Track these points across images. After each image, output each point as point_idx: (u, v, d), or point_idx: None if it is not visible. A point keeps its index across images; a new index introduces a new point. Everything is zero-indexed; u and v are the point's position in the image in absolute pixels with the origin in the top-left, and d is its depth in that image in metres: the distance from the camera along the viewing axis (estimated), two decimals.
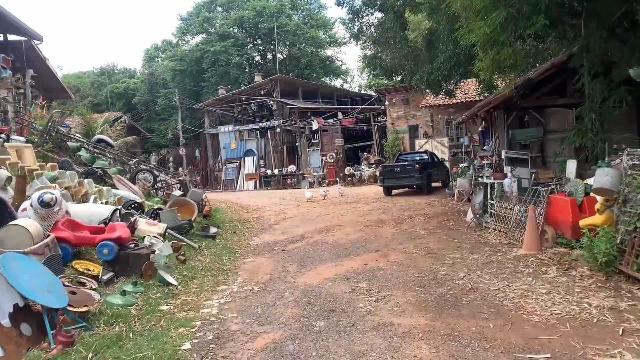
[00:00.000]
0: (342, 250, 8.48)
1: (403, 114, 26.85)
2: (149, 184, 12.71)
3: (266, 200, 20.51)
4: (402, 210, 13.44)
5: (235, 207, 17.87)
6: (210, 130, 33.88)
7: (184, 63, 40.49)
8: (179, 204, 11.47)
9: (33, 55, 22.85)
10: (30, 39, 21.80)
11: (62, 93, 26.82)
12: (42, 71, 24.01)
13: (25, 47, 21.81)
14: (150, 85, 44.62)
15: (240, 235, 10.97)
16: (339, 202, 17.03)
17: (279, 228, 11.96)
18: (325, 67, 44.81)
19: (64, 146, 12.84)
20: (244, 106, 32.27)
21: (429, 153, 19.45)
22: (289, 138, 31.09)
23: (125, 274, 6.47)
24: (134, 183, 12.49)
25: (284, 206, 17.23)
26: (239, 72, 38.47)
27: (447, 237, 9.02)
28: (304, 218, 13.47)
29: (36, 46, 22.46)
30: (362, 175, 25.96)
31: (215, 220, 12.38)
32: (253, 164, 30.42)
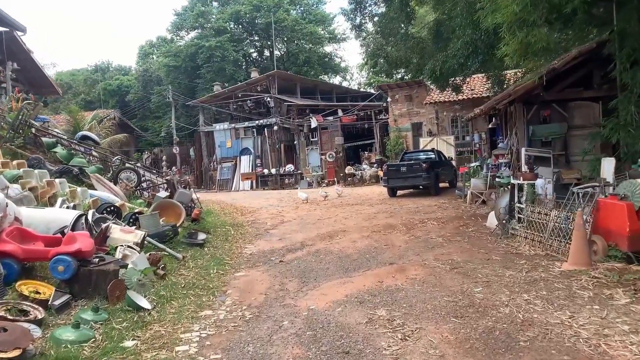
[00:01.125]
0: (350, 263, 7.26)
1: (406, 111, 25.66)
2: (133, 184, 11.47)
3: (262, 201, 19.28)
4: (412, 214, 12.24)
5: (229, 209, 16.64)
6: (204, 128, 32.62)
7: (179, 59, 39.19)
8: (164, 207, 10.24)
9: (16, 48, 21.57)
10: (13, 30, 20.51)
11: (49, 88, 25.52)
12: (27, 65, 22.74)
13: (6, 39, 20.53)
14: (144, 83, 43.30)
15: (233, 242, 9.75)
16: (340, 204, 15.81)
17: (276, 234, 10.74)
18: (324, 64, 43.58)
19: (39, 142, 11.59)
20: (240, 103, 31.05)
21: (436, 151, 18.26)
22: (287, 136, 29.87)
23: (86, 297, 5.25)
24: (115, 183, 11.26)
25: (282, 208, 16.01)
26: (235, 68, 37.19)
27: (471, 247, 7.81)
28: (304, 222, 12.26)
29: (19, 38, 21.18)
30: (363, 175, 24.76)
31: (206, 224, 11.15)
32: (249, 163, 29.19)
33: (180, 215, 10.18)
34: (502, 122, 15.88)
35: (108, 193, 10.32)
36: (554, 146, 12.07)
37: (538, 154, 11.59)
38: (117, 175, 11.52)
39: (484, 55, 10.39)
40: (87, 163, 11.33)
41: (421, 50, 16.65)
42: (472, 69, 11.10)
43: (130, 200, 11.02)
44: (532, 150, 11.68)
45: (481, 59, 10.46)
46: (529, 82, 11.12)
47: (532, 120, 12.20)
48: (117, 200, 9.95)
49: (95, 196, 9.69)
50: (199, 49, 36.20)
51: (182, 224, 10.19)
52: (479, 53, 10.39)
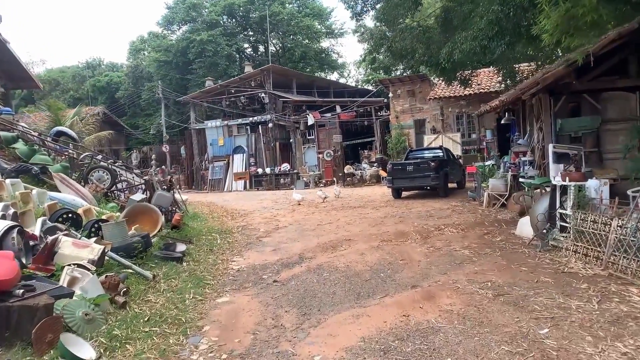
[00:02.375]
0: (362, 284, 5.82)
1: (408, 107, 24.24)
2: (105, 185, 9.98)
3: (256, 203, 17.81)
4: (424, 219, 10.80)
5: (218, 212, 15.17)
6: (196, 125, 31.08)
7: (169, 54, 37.64)
8: (139, 213, 8.77)
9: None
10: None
11: (29, 82, 23.89)
12: (4, 57, 21.12)
13: None
14: (134, 79, 41.69)
15: (218, 254, 8.27)
16: (341, 207, 14.37)
17: (270, 242, 9.27)
18: (320, 60, 42.10)
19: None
20: (233, 99, 29.50)
21: (444, 149, 16.84)
22: (282, 134, 28.40)
23: (2, 345, 3.78)
24: (86, 184, 9.77)
25: (277, 211, 14.55)
26: (228, 63, 35.66)
27: (508, 262, 6.38)
28: (302, 228, 10.81)
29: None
30: (363, 175, 23.33)
31: (188, 231, 9.67)
32: (242, 162, 27.69)
33: (157, 222, 8.71)
34: (520, 117, 14.48)
35: (74, 195, 8.82)
36: (585, 142, 10.69)
37: (568, 151, 10.21)
38: (87, 174, 10.01)
39: (512, 35, 8.95)
40: (51, 161, 9.82)
41: (427, 39, 15.30)
42: (497, 52, 9.66)
43: (101, 204, 9.53)
44: (561, 147, 10.29)
45: (508, 40, 9.03)
46: (559, 69, 9.70)
47: (560, 113, 10.80)
48: (81, 205, 8.46)
49: (55, 199, 8.21)
50: (190, 43, 34.67)
51: (160, 232, 8.72)
52: (505, 34, 8.95)
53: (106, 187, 10.10)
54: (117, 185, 10.64)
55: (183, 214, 12.05)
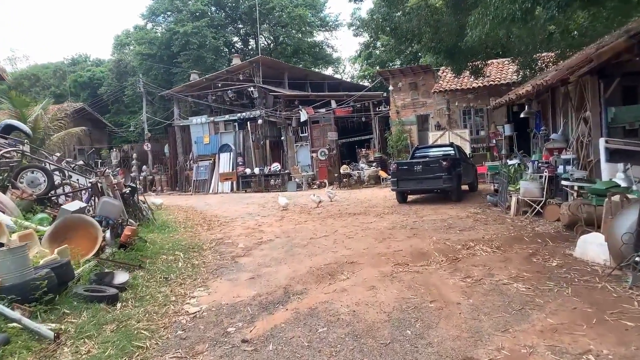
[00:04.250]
0: (379, 352, 3.67)
1: (410, 102, 22.13)
2: (40, 189, 7.78)
3: (241, 208, 15.64)
4: (443, 231, 8.68)
5: (195, 220, 13.00)
6: (180, 121, 28.79)
7: (154, 47, 35.27)
8: (72, 227, 6.59)
9: None
10: None
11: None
12: None
13: None
14: (118, 74, 39.25)
15: (175, 285, 6.08)
16: (338, 214, 12.22)
17: (248, 265, 7.09)
18: (314, 54, 39.94)
19: None
20: (220, 94, 27.26)
21: (455, 146, 14.73)
22: (273, 131, 26.19)
23: None
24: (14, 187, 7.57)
25: (263, 219, 12.38)
26: (214, 57, 33.33)
27: (592, 308, 4.26)
28: (291, 242, 8.64)
29: None
30: (361, 176, 21.19)
31: (143, 251, 7.48)
32: (229, 161, 25.43)
33: (95, 240, 6.52)
34: (550, 108, 12.39)
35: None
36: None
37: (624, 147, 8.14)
38: (16, 176, 7.79)
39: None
40: None
41: (436, 22, 13.35)
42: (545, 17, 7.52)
43: (28, 215, 7.33)
44: (616, 142, 8.22)
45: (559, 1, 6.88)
46: (619, 42, 7.61)
47: (611, 100, 8.72)
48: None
49: None
50: (173, 35, 32.33)
51: (100, 253, 6.53)
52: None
53: (43, 192, 7.88)
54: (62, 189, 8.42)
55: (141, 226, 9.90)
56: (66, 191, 8.50)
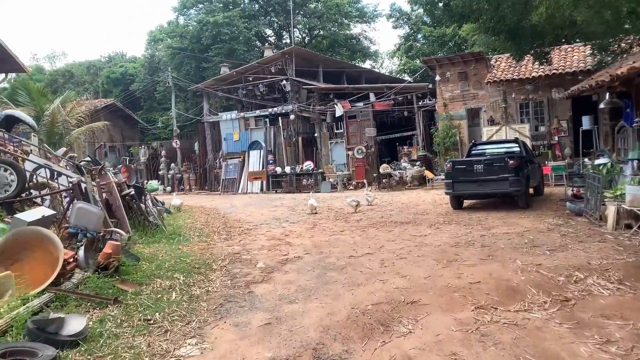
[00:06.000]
0: None
1: (460, 94, 19.79)
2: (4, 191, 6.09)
3: (268, 211, 13.80)
4: (526, 251, 6.52)
5: (214, 225, 11.21)
6: (209, 117, 27.29)
7: (185, 40, 33.96)
8: (27, 245, 4.81)
9: None
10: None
11: (12, 64, 20.43)
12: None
13: None
14: (150, 70, 38.25)
15: (157, 333, 4.20)
16: (382, 222, 10.18)
17: (265, 298, 5.15)
18: (351, 47, 37.84)
19: None
20: (251, 88, 25.57)
21: (521, 143, 12.44)
22: (306, 127, 24.31)
23: None
24: None
25: (291, 225, 10.48)
26: (246, 49, 31.71)
27: None
28: (324, 262, 6.67)
29: None
30: (403, 176, 19.01)
31: (129, 272, 5.66)
32: (259, 159, 23.67)
33: (55, 263, 4.71)
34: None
35: None
36: None
37: None
38: None
39: None
40: None
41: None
42: None
43: None
44: None
45: None
46: None
47: None
48: None
49: None
50: (203, 26, 30.86)
51: (59, 281, 4.73)
52: None
53: (6, 195, 6.17)
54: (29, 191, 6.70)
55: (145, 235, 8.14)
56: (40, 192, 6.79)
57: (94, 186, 6.85)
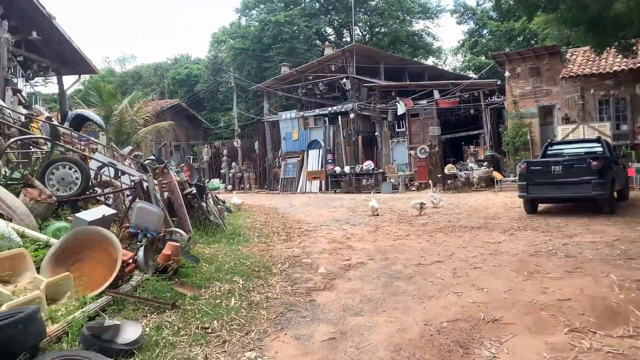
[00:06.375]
0: None
1: (531, 90, 18.62)
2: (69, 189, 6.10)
3: (327, 212, 13.49)
4: (620, 264, 5.78)
5: (273, 226, 11.00)
6: (269, 117, 27.42)
7: (246, 41, 34.43)
8: (87, 245, 4.71)
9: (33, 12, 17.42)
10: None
11: (84, 66, 21.40)
12: (53, 36, 18.58)
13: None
14: (213, 71, 39.13)
15: (215, 344, 3.93)
16: (449, 225, 9.58)
17: (328, 308, 4.77)
18: (413, 44, 36.89)
19: None
20: (310, 86, 25.41)
21: (604, 142, 11.39)
22: (366, 126, 23.85)
23: None
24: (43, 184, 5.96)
25: (352, 227, 10.09)
26: (307, 47, 31.64)
27: None
28: (389, 269, 6.22)
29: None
30: (469, 177, 18.12)
31: (189, 275, 5.49)
32: (318, 158, 23.46)
33: (114, 264, 4.58)
34: None
35: None
36: None
37: None
38: (44, 172, 6.16)
39: None
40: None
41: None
42: None
43: (46, 223, 5.62)
44: None
45: None
46: None
47: None
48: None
49: None
50: (265, 26, 31.06)
51: (118, 283, 4.59)
52: None
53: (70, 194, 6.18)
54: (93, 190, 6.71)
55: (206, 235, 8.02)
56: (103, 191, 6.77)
57: (155, 185, 6.77)
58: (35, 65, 19.33)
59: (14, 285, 3.95)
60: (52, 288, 4.01)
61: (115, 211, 5.74)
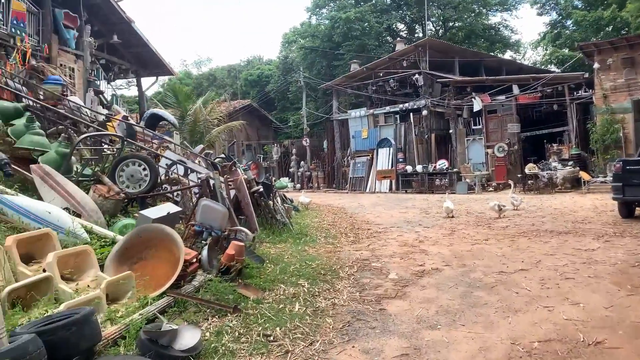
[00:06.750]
0: None
1: (624, 83, 16.98)
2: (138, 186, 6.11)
3: (398, 212, 12.97)
4: None
5: (341, 226, 10.67)
6: (338, 115, 27.16)
7: (316, 40, 34.43)
8: (151, 243, 4.61)
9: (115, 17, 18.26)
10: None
11: (162, 68, 22.26)
12: (131, 39, 19.46)
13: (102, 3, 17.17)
14: (284, 71, 39.55)
15: (276, 354, 3.65)
16: (533, 230, 8.79)
17: (400, 319, 4.34)
18: (490, 38, 35.17)
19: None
20: (381, 83, 24.82)
21: None
22: (440, 123, 22.92)
23: None
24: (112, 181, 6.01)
25: (425, 230, 9.53)
26: (377, 43, 31.06)
27: None
28: (467, 277, 5.67)
29: (115, 4, 17.75)
30: (552, 177, 16.81)
31: (253, 277, 5.28)
32: (388, 157, 22.86)
33: (177, 263, 4.43)
34: None
35: (55, 204, 5.02)
36: None
37: None
38: (114, 169, 6.21)
39: None
40: (47, 144, 6.17)
41: None
42: None
43: (114, 220, 5.62)
44: None
45: None
46: None
47: None
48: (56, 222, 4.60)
49: (16, 211, 4.50)
50: (335, 24, 30.83)
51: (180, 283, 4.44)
52: None
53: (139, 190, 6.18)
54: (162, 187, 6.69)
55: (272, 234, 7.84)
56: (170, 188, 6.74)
57: (222, 183, 6.64)
58: (116, 67, 20.31)
59: (76, 283, 3.87)
60: (113, 287, 3.91)
61: (180, 209, 5.65)
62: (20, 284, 3.41)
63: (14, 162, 5.72)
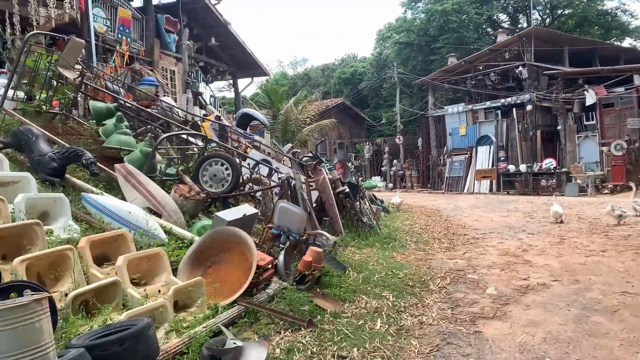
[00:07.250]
0: None
1: None
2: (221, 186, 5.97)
3: (498, 216, 11.93)
4: None
5: (434, 230, 9.98)
6: (434, 112, 26.04)
7: (411, 34, 33.35)
8: (225, 247, 4.39)
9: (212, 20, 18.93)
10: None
11: (257, 69, 22.78)
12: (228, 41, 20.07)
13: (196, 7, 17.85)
14: (378, 68, 38.90)
15: None
16: None
17: (499, 347, 3.71)
18: (605, 25, 31.82)
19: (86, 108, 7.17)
20: (481, 77, 23.34)
21: None
22: (546, 119, 21.05)
23: None
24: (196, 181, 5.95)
25: (529, 237, 8.55)
26: (476, 36, 29.38)
27: None
28: (581, 297, 4.83)
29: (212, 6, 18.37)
30: None
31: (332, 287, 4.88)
32: (489, 156, 21.42)
33: (249, 269, 4.16)
34: None
35: (136, 204, 4.99)
36: None
37: None
38: (198, 169, 6.15)
39: None
40: (133, 144, 6.21)
41: None
42: None
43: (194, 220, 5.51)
44: None
45: None
46: None
47: None
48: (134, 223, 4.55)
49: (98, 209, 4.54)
50: (431, 17, 29.64)
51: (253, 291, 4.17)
52: None
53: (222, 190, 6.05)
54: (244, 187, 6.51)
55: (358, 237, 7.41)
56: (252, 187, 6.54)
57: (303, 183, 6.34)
58: (214, 69, 21.06)
59: (144, 289, 3.72)
60: (182, 294, 3.71)
61: (257, 210, 5.40)
62: (86, 288, 3.30)
63: (104, 161, 5.84)
